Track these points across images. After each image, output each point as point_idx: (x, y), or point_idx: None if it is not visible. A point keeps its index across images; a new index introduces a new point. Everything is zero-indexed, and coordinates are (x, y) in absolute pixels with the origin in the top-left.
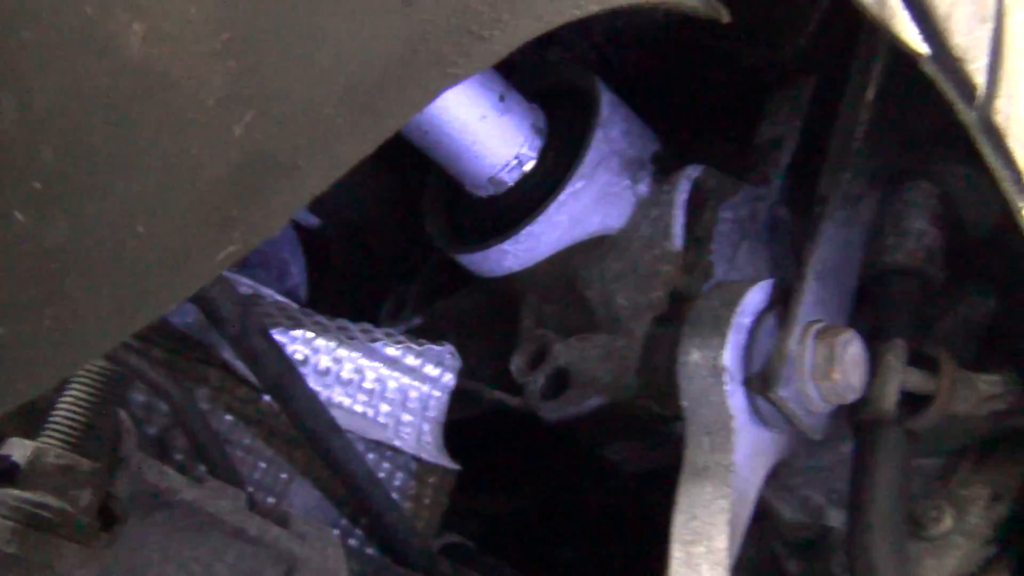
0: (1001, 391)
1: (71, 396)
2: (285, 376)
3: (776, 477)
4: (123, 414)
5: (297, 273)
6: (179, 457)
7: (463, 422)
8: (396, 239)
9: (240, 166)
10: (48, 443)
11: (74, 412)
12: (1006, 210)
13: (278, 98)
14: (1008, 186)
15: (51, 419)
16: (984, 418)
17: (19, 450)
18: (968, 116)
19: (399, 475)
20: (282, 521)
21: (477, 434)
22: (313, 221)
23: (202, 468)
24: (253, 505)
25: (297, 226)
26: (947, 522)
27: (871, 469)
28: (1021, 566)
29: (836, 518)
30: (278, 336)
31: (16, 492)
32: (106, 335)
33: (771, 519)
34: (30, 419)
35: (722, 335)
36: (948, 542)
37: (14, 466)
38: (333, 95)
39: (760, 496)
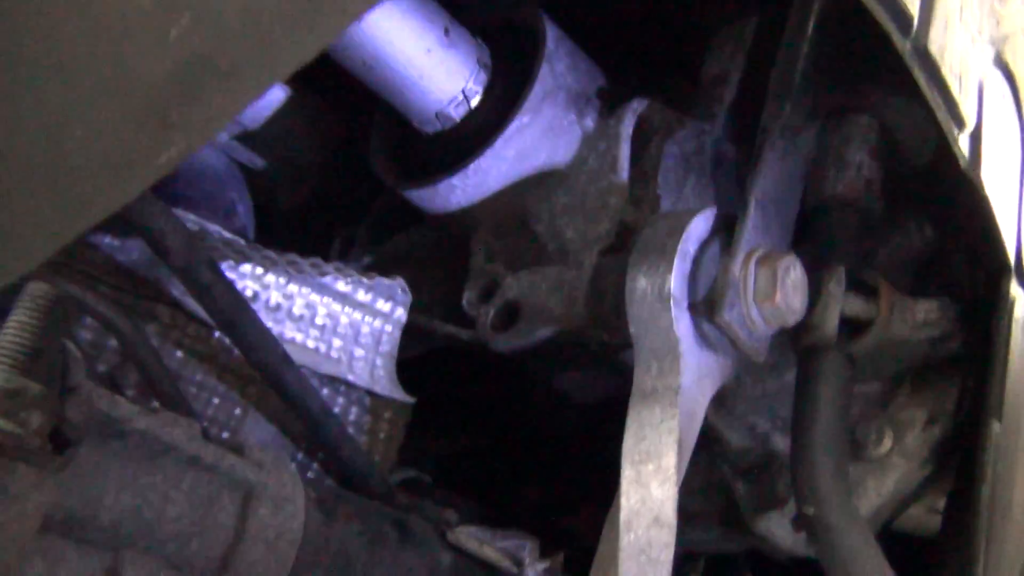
0: (937, 316)
1: (16, 321)
2: (235, 309)
3: (723, 405)
4: (71, 345)
5: (244, 213)
6: (130, 394)
7: (416, 360)
8: (344, 180)
9: (177, 70)
10: None
11: (20, 337)
12: (942, 140)
13: (213, 3)
14: (942, 115)
15: None
16: (921, 343)
17: None
18: (903, 46)
19: (353, 410)
20: (237, 450)
21: (431, 373)
22: (259, 162)
23: (155, 403)
24: (207, 436)
25: (243, 168)
26: (887, 443)
27: (813, 392)
28: (955, 486)
29: (781, 443)
30: (227, 272)
31: None
32: (48, 239)
33: (720, 445)
34: None
35: (668, 262)
36: (888, 463)
37: None
38: (269, 3)
39: (709, 423)
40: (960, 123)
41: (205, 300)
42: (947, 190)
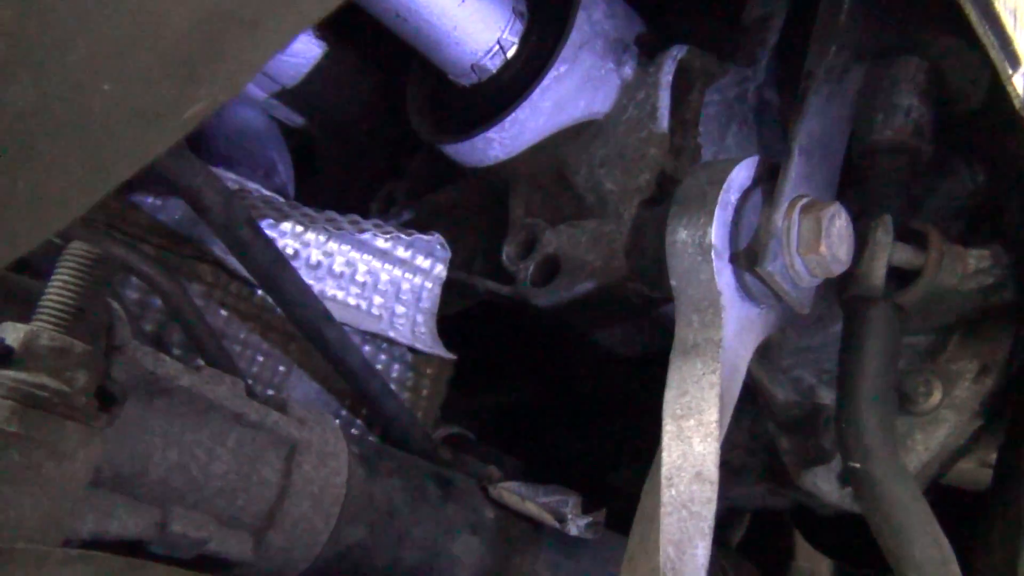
0: (989, 264)
1: (60, 280)
2: (275, 266)
3: (768, 358)
4: (116, 305)
5: (284, 171)
6: (176, 353)
7: (458, 316)
8: (382, 137)
9: (201, 22)
10: (40, 326)
11: (64, 296)
12: (995, 81)
13: None
14: (995, 52)
15: (42, 303)
16: (972, 293)
17: (12, 333)
18: None
19: (396, 367)
20: (280, 407)
21: (473, 329)
22: (298, 120)
23: (199, 362)
24: (251, 393)
25: (282, 127)
26: (936, 396)
27: (860, 344)
28: (1007, 439)
29: (827, 396)
30: (267, 230)
31: (12, 373)
32: (81, 195)
33: (764, 399)
34: (23, 305)
35: (709, 212)
36: (937, 416)
37: (8, 349)
38: None
39: (753, 377)
40: (1015, 61)
41: (244, 257)
42: (1000, 134)
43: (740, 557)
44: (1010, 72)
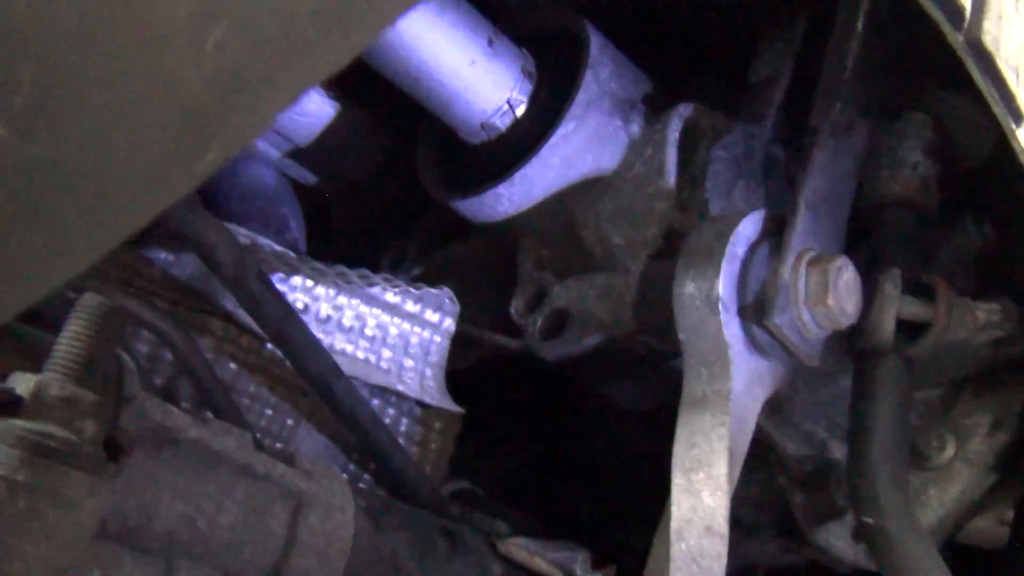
0: (999, 318)
1: (71, 331)
2: (285, 321)
3: (779, 413)
4: (126, 357)
5: (296, 228)
6: (185, 406)
7: (466, 373)
8: (394, 195)
9: (214, 79)
10: (51, 376)
11: (75, 346)
12: (1000, 136)
13: (249, 12)
14: (999, 109)
15: (53, 354)
16: (983, 346)
17: (23, 383)
18: (956, 39)
19: (404, 421)
20: (288, 460)
21: (482, 385)
22: (311, 179)
23: (208, 415)
24: (259, 446)
25: (296, 186)
26: (949, 451)
27: (871, 398)
28: None
29: (839, 451)
30: (278, 284)
31: (21, 422)
32: (94, 245)
33: (776, 454)
34: (33, 357)
35: (716, 265)
36: (951, 471)
37: (18, 398)
38: (304, 9)
39: (764, 432)
40: (1018, 117)
41: (255, 311)
42: (1007, 188)
43: None
44: (1013, 127)
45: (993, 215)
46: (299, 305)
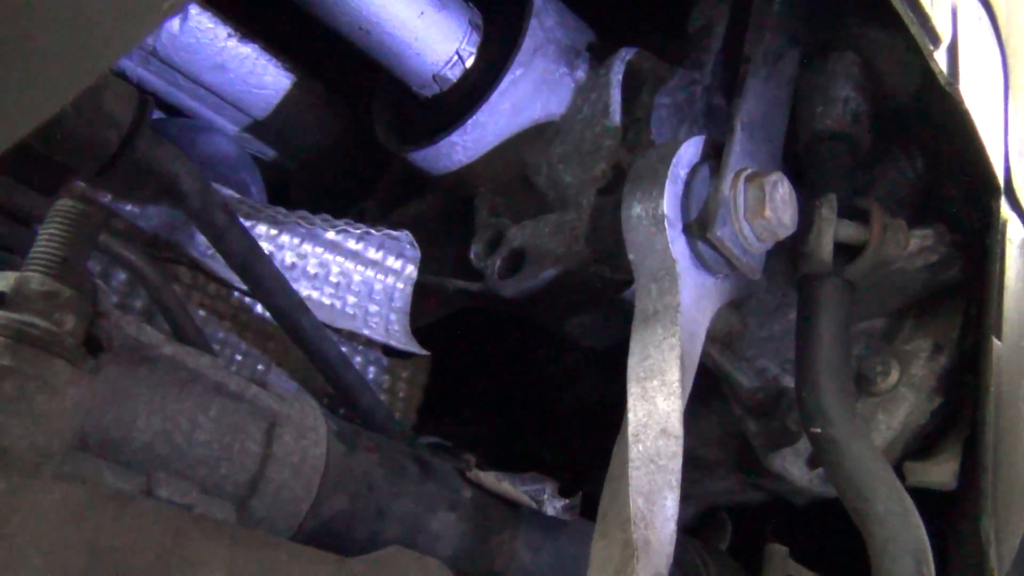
0: (932, 242)
1: (48, 232)
2: (250, 253)
3: (732, 348)
4: (99, 281)
5: (256, 193)
6: None
7: (432, 329)
8: (352, 165)
9: None
10: (31, 273)
11: (53, 246)
12: (925, 73)
13: None
14: (916, 30)
15: (32, 253)
16: (920, 272)
17: (3, 280)
18: None
19: (371, 369)
20: (261, 384)
21: (447, 344)
22: (270, 153)
23: None
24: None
25: (256, 161)
26: (893, 376)
27: (814, 316)
28: (972, 434)
29: (790, 383)
30: None
31: (4, 312)
32: (71, 80)
33: (731, 388)
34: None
35: (660, 186)
36: (896, 396)
37: (0, 294)
38: None
39: (719, 367)
40: (935, 38)
41: (220, 244)
42: (934, 121)
43: (723, 555)
44: (931, 48)
45: (923, 148)
46: None
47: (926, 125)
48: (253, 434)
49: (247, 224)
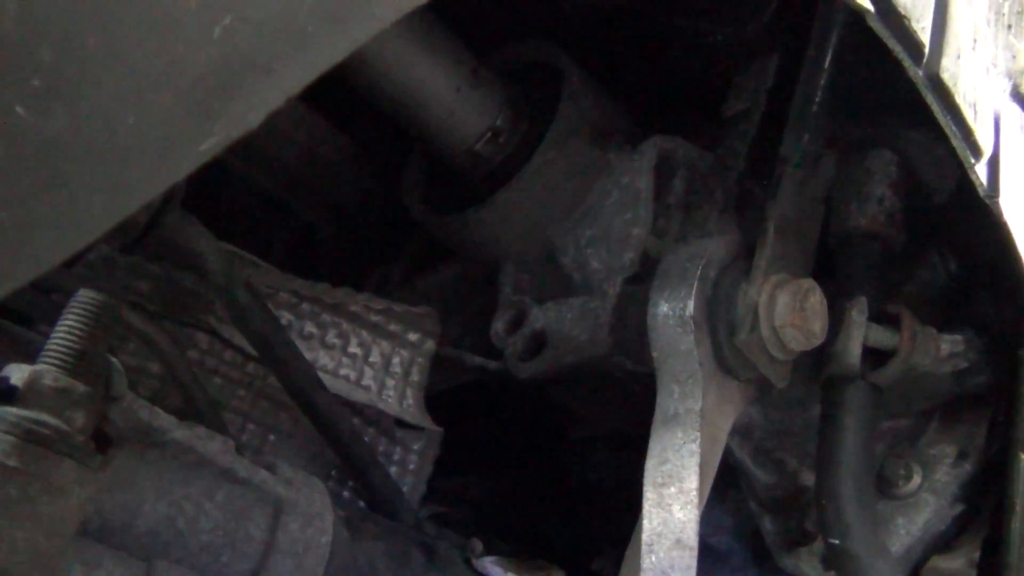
0: (963, 349)
1: (66, 325)
2: (270, 330)
3: (750, 440)
4: (115, 360)
5: None
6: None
7: (446, 398)
8: (379, 222)
9: (220, 64)
10: (45, 368)
11: (69, 339)
12: (962, 174)
13: (253, 4)
14: (958, 143)
15: (47, 346)
16: (948, 377)
17: (17, 373)
18: (915, 73)
19: (383, 440)
20: (269, 468)
21: (460, 413)
22: (297, 206)
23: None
24: (241, 454)
25: (284, 207)
26: (915, 480)
27: (838, 422)
28: (992, 529)
29: (809, 479)
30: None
31: (15, 410)
32: (100, 219)
33: (747, 481)
34: (28, 350)
35: (689, 286)
36: (917, 500)
37: (13, 388)
38: (305, 4)
39: (736, 459)
40: (976, 151)
41: (242, 321)
42: (970, 224)
43: None
44: (972, 162)
45: (957, 250)
46: (284, 322)
47: (961, 228)
48: (258, 521)
49: (268, 292)
